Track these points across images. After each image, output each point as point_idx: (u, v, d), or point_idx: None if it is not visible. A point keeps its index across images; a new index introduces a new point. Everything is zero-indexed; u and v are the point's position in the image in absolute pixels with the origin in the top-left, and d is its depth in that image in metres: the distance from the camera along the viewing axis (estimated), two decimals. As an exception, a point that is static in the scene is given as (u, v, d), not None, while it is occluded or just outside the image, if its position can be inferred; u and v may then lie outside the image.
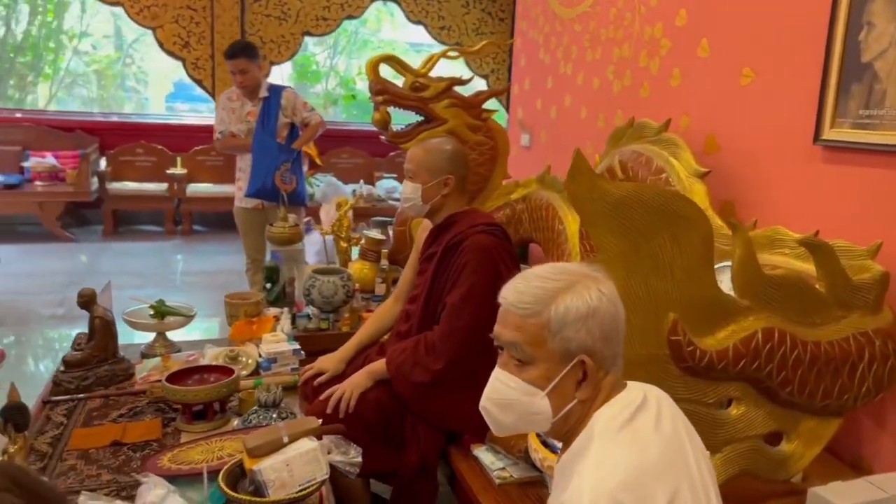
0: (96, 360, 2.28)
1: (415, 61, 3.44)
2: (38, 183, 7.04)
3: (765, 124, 2.32)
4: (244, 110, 4.22)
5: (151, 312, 2.59)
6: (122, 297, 2.68)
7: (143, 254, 6.76)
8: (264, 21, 7.95)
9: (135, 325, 2.54)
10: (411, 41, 10.26)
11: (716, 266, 1.64)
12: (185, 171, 7.44)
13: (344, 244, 3.27)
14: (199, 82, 7.41)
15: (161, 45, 7.81)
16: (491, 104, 3.60)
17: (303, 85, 9.73)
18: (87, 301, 2.30)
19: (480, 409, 1.17)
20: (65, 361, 2.27)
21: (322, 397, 2.08)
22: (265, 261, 4.26)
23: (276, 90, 4.24)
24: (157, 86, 10.00)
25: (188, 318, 2.61)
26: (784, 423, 1.67)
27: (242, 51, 4.10)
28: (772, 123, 2.29)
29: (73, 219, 7.56)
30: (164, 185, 7.38)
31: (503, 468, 1.92)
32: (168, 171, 7.38)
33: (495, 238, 2.13)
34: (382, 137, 3.38)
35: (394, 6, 8.52)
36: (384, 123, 3.31)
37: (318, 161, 6.03)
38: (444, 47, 4.13)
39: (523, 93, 4.34)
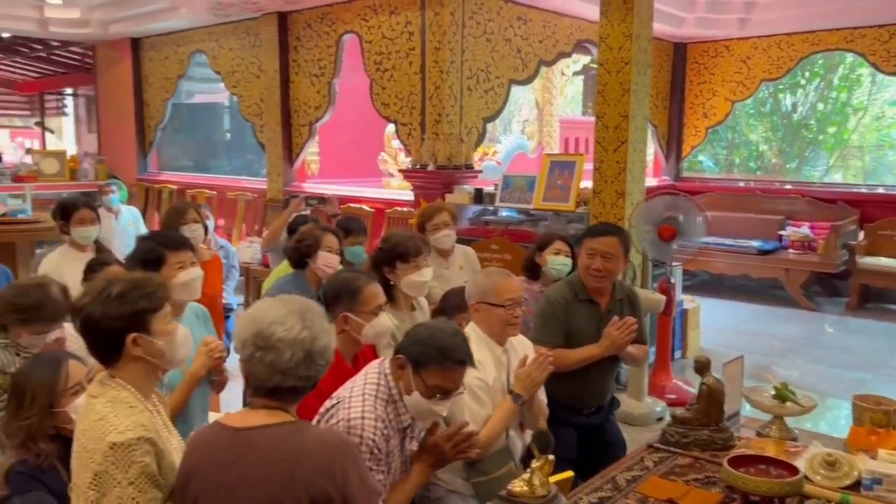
0: (698, 423, 2.49)
1: None
2: (790, 251, 7.45)
3: None
4: None
5: (773, 393, 2.61)
6: (819, 373, 2.70)
7: (880, 335, 6.32)
8: None
9: (751, 402, 2.62)
10: None
11: None
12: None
13: None
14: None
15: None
16: None
17: None
18: (700, 367, 2.53)
19: None
20: (673, 416, 2.56)
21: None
22: None
23: None
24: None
25: (805, 408, 2.52)
26: None
27: None
28: None
29: (822, 288, 7.66)
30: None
31: None
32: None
33: None
34: None
35: None
36: None
37: None
38: None
39: None
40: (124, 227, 6.24)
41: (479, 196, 5.60)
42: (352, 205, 6.64)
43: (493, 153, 8.08)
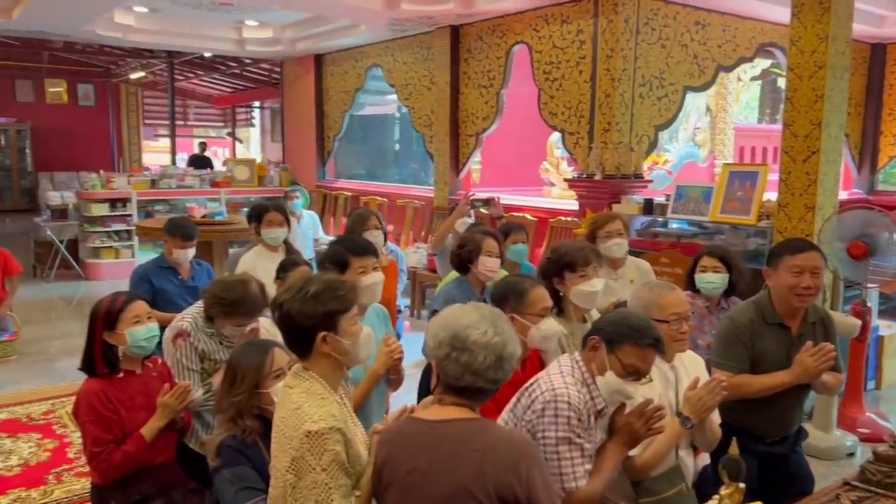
0: (906, 463, 2.24)
1: None
2: None
3: None
4: None
5: None
6: None
7: None
8: None
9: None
10: None
11: None
12: None
13: None
14: None
15: None
16: None
17: None
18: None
19: None
20: (874, 453, 2.32)
21: None
22: None
23: None
24: None
25: None
26: None
27: None
28: None
29: None
30: None
31: None
32: None
33: None
34: None
35: None
36: None
37: None
38: None
39: None
40: (304, 230, 6.69)
41: (648, 206, 5.43)
42: (514, 213, 6.68)
43: (663, 162, 7.79)
